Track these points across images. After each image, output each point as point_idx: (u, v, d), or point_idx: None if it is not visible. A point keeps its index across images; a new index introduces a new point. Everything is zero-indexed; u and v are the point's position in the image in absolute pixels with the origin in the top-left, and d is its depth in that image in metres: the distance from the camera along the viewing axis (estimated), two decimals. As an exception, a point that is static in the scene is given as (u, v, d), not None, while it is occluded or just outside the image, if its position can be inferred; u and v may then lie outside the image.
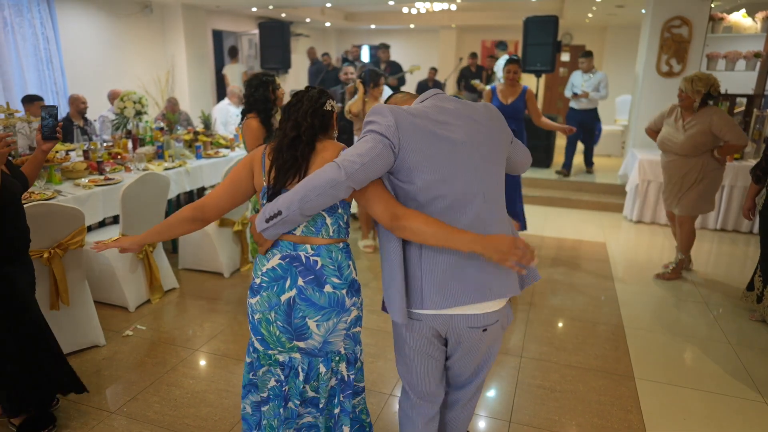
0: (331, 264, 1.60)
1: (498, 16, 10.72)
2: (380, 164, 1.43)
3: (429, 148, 1.45)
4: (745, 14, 5.42)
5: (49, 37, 6.26)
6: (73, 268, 2.82)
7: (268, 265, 1.61)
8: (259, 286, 1.63)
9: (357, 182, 1.42)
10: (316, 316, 1.59)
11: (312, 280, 1.58)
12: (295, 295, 1.58)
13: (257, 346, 1.70)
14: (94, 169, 3.78)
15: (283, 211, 1.47)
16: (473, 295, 1.47)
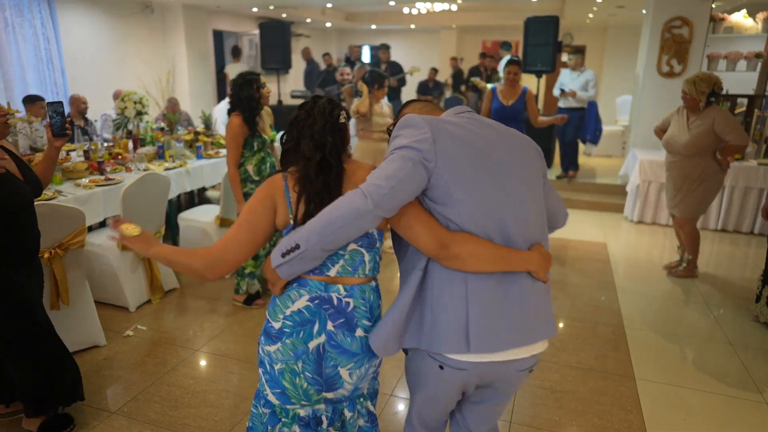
0: (364, 305, 1.41)
1: (498, 16, 10.72)
2: (412, 186, 1.24)
3: (472, 165, 1.28)
4: (746, 14, 5.42)
5: (50, 37, 6.26)
6: (74, 268, 2.82)
7: (293, 308, 1.38)
8: (280, 331, 1.39)
9: (387, 210, 1.23)
10: (348, 363, 1.39)
11: (342, 324, 1.38)
12: (324, 341, 1.37)
13: (272, 400, 1.46)
14: (95, 169, 3.78)
15: (302, 245, 1.26)
16: (526, 334, 1.29)
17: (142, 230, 1.40)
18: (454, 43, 12.26)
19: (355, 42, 13.50)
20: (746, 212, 5.10)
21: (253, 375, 2.74)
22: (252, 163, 3.24)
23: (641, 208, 5.48)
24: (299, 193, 1.36)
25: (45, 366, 2.17)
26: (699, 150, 3.63)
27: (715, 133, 3.55)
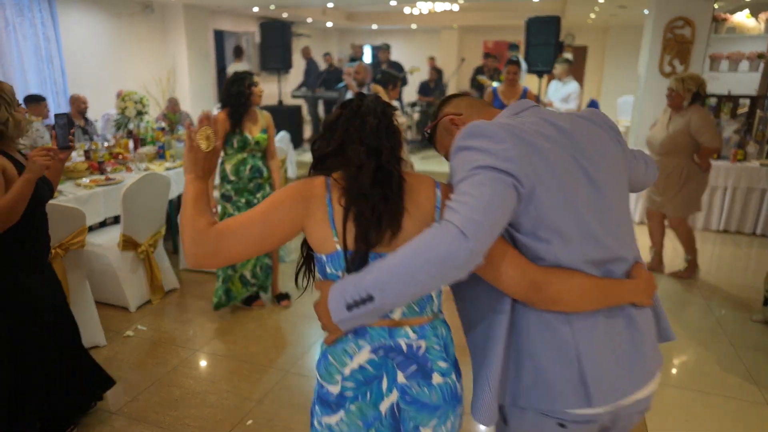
0: (438, 344, 1.14)
1: (500, 16, 10.71)
2: (506, 215, 1.00)
3: (563, 186, 1.05)
4: (749, 15, 5.40)
5: (50, 37, 6.25)
6: (74, 269, 2.81)
7: (352, 365, 1.11)
8: (340, 396, 1.12)
9: (485, 243, 0.95)
10: (431, 420, 1.13)
11: (416, 373, 1.12)
12: (397, 398, 1.12)
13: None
14: (95, 169, 3.77)
15: (376, 297, 0.96)
16: (644, 372, 1.11)
17: (214, 147, 1.14)
18: (456, 43, 12.25)
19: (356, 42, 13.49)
20: (748, 213, 5.08)
21: (254, 374, 2.73)
22: (231, 162, 3.14)
23: (642, 209, 5.46)
24: (347, 208, 1.07)
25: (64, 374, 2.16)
26: (674, 148, 3.63)
27: (690, 132, 3.54)
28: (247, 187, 3.19)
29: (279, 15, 10.10)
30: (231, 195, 3.19)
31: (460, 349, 1.21)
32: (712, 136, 3.53)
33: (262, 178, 3.23)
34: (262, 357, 2.91)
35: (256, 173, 3.20)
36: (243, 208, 3.20)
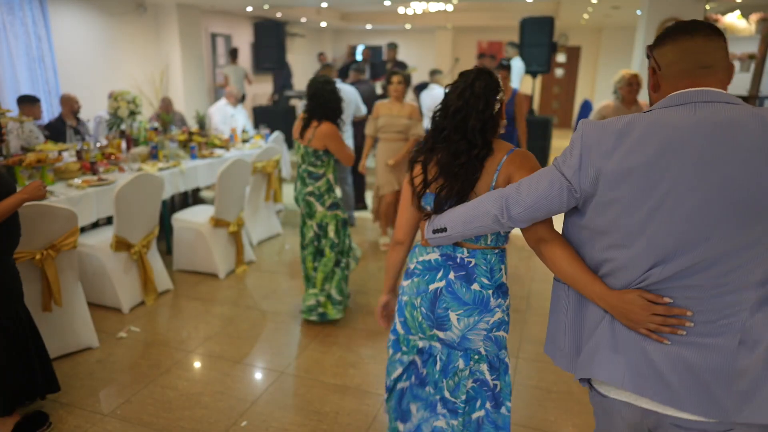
0: (484, 265, 1.57)
1: (494, 16, 10.72)
2: (552, 207, 1.23)
3: (634, 199, 1.09)
4: (740, 16, 5.45)
5: (41, 36, 6.20)
6: (66, 270, 2.79)
7: (426, 257, 1.63)
8: (412, 271, 1.66)
9: (522, 223, 1.30)
10: (459, 310, 1.57)
11: (462, 276, 1.57)
12: (443, 287, 1.59)
13: (398, 329, 1.72)
14: (87, 169, 3.74)
15: (448, 230, 1.47)
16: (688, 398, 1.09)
17: None
18: (450, 44, 12.26)
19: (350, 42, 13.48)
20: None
21: (248, 376, 2.72)
22: (331, 171, 3.10)
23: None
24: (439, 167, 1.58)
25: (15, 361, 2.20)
26: None
27: None
28: None
29: (273, 15, 10.07)
30: (338, 202, 3.17)
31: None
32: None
33: None
34: (256, 358, 2.90)
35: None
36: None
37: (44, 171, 3.46)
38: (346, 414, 2.42)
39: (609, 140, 1.11)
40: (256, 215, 4.73)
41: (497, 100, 1.53)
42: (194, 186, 4.40)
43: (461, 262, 1.58)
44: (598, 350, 1.18)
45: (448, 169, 1.52)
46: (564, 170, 1.18)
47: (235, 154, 4.86)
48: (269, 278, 4.02)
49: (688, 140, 1.05)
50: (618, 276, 1.16)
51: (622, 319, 1.15)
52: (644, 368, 1.12)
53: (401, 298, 1.69)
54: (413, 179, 1.61)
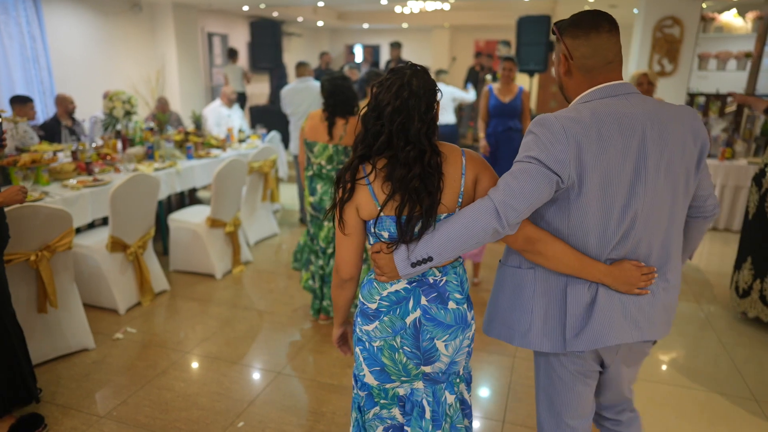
0: (455, 280, 1.44)
1: (491, 15, 10.73)
2: (539, 203, 1.26)
3: (609, 180, 1.24)
4: (737, 14, 5.45)
5: (36, 36, 6.17)
6: (62, 271, 2.77)
7: (390, 289, 1.41)
8: (376, 311, 1.42)
9: (516, 227, 1.27)
10: (444, 335, 1.41)
11: (435, 298, 1.41)
12: (420, 315, 1.40)
13: (370, 381, 1.47)
14: (83, 170, 3.73)
15: (435, 258, 1.28)
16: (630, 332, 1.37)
17: None
18: (447, 43, 12.26)
19: (347, 41, 13.47)
20: (736, 211, 5.14)
21: (245, 376, 2.71)
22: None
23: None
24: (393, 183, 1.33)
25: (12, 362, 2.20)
26: None
27: None
28: None
29: (269, 14, 10.04)
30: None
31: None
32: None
33: None
34: (253, 359, 2.89)
35: None
36: None
37: (39, 171, 3.44)
38: (343, 414, 2.41)
39: (587, 131, 1.23)
40: (252, 215, 4.72)
41: (437, 102, 1.35)
42: (191, 186, 4.38)
43: (434, 283, 1.41)
44: (611, 323, 1.35)
45: (406, 183, 1.27)
46: (550, 164, 1.22)
47: (232, 154, 4.85)
48: (266, 278, 4.01)
49: (644, 127, 1.25)
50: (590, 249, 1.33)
51: (622, 286, 1.32)
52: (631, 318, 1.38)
53: (370, 345, 1.44)
54: (357, 205, 1.34)
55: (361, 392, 1.51)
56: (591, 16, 1.29)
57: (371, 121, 1.33)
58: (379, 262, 1.36)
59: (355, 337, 1.51)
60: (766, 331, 3.21)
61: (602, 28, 1.28)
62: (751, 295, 3.17)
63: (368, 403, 1.51)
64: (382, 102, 1.31)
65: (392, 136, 1.30)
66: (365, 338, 1.45)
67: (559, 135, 1.21)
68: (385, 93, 1.31)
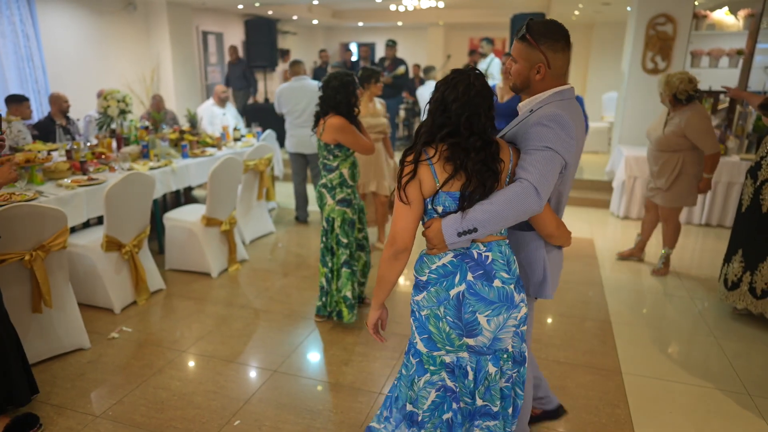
0: (501, 259, 1.56)
1: (485, 13, 10.74)
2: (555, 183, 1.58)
3: (575, 162, 1.67)
4: (728, 12, 5.48)
5: (30, 35, 6.14)
6: (56, 270, 2.77)
7: (438, 263, 1.56)
8: (426, 282, 1.58)
9: (542, 207, 1.51)
10: (486, 310, 1.54)
11: (481, 275, 1.54)
12: (464, 290, 1.53)
13: (421, 348, 1.62)
14: (77, 169, 3.72)
15: (479, 230, 1.46)
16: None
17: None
18: (441, 40, 12.27)
19: (342, 39, 13.46)
20: (729, 207, 5.17)
21: (241, 375, 2.72)
22: (346, 166, 3.06)
23: (627, 203, 5.53)
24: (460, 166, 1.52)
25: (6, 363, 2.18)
26: (668, 147, 3.67)
27: (684, 134, 3.58)
28: (354, 188, 3.16)
29: (264, 12, 10.02)
30: (351, 199, 3.11)
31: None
32: (711, 143, 3.53)
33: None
34: (249, 357, 2.90)
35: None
36: (356, 211, 3.17)
37: (33, 171, 3.43)
38: (339, 412, 2.43)
39: (577, 128, 1.59)
40: (248, 214, 4.72)
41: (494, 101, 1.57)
42: (186, 185, 4.38)
43: (479, 258, 1.54)
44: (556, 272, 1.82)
45: (473, 167, 1.46)
46: (562, 153, 1.52)
47: (227, 153, 4.84)
48: (262, 277, 4.01)
49: (581, 125, 1.66)
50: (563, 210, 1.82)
51: (565, 243, 1.76)
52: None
53: (419, 314, 1.60)
54: (420, 180, 1.51)
55: (413, 359, 1.65)
56: (564, 33, 1.61)
57: (438, 114, 1.51)
58: (430, 234, 1.53)
59: (411, 309, 1.65)
60: (758, 326, 3.24)
61: (570, 44, 1.64)
62: (740, 287, 3.20)
63: (419, 370, 1.64)
64: (448, 98, 1.49)
65: (459, 127, 1.48)
66: (416, 308, 1.62)
67: (570, 131, 1.53)
68: (451, 91, 1.49)
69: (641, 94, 5.86)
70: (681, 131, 3.57)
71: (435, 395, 1.64)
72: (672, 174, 3.72)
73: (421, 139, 1.52)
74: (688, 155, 3.67)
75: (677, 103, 3.61)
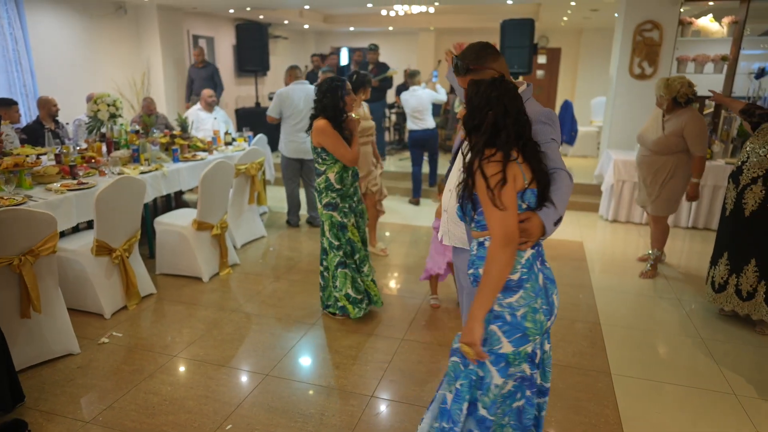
0: (542, 245, 1.73)
1: (476, 18, 10.82)
2: None
3: None
4: (712, 19, 5.58)
5: (18, 38, 6.09)
6: (46, 275, 2.75)
7: (525, 256, 1.61)
8: (519, 280, 1.60)
9: None
10: (555, 289, 1.68)
11: (543, 260, 1.70)
12: (543, 276, 1.66)
13: (506, 350, 1.60)
14: (67, 173, 3.69)
15: (563, 217, 1.65)
16: None
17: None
18: (432, 45, 12.33)
19: (334, 44, 13.48)
20: (715, 210, 5.25)
21: (233, 379, 2.71)
22: (334, 171, 3.09)
23: (616, 207, 5.59)
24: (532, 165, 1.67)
25: None
26: (666, 148, 3.74)
27: (683, 135, 3.66)
28: (348, 192, 3.17)
29: (255, 17, 10.02)
30: (337, 203, 3.14)
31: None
32: (703, 146, 3.65)
33: (358, 180, 3.26)
34: (241, 361, 2.89)
35: (355, 177, 3.19)
36: (348, 214, 3.18)
37: (22, 175, 3.40)
38: (331, 415, 2.43)
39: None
40: (239, 218, 4.71)
41: None
42: (177, 189, 4.36)
43: (538, 245, 1.67)
44: None
45: (538, 166, 1.61)
46: (558, 140, 1.78)
47: (218, 157, 4.83)
48: (253, 281, 4.01)
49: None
50: None
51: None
52: None
53: (512, 316, 1.59)
54: (514, 179, 1.56)
55: (494, 366, 1.62)
56: (486, 44, 1.84)
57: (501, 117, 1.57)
58: (531, 227, 1.58)
59: (494, 315, 1.61)
60: (743, 326, 3.30)
61: (497, 50, 1.85)
62: (726, 289, 3.25)
63: (502, 372, 1.63)
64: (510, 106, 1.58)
65: (512, 134, 1.57)
66: (507, 311, 1.60)
67: (558, 125, 1.80)
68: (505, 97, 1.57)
69: (629, 99, 5.94)
70: (680, 131, 3.66)
71: (511, 385, 1.66)
72: (667, 177, 3.79)
73: (505, 145, 1.56)
74: (681, 158, 3.75)
75: (676, 106, 3.70)
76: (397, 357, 2.92)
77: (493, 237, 1.55)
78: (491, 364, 1.62)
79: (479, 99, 1.59)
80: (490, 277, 1.55)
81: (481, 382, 1.65)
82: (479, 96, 1.59)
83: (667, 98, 3.70)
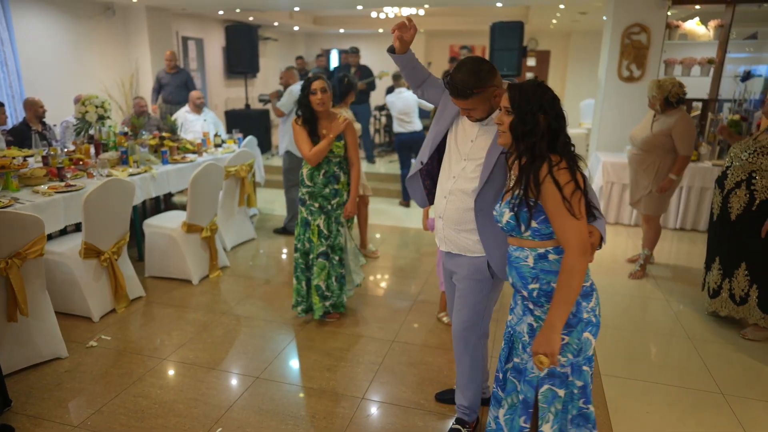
0: None
1: (465, 21, 10.88)
2: None
3: None
4: (699, 22, 5.66)
5: (4, 39, 6.02)
6: (33, 278, 2.72)
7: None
8: (590, 286, 1.67)
9: None
10: None
11: None
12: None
13: (591, 342, 1.67)
14: (54, 175, 3.65)
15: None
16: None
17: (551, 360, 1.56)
18: (422, 48, 12.37)
19: (323, 46, 13.48)
20: (702, 211, 5.32)
21: (223, 382, 2.70)
22: (306, 167, 3.13)
23: (604, 208, 5.64)
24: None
25: None
26: (653, 147, 3.81)
27: (671, 135, 3.73)
28: (321, 192, 3.14)
29: (245, 18, 10.00)
30: (306, 199, 3.16)
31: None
32: (689, 146, 3.73)
33: (338, 183, 3.15)
34: (231, 364, 2.88)
35: (331, 179, 3.14)
36: (316, 212, 3.16)
37: (8, 177, 3.36)
38: (321, 417, 2.42)
39: None
40: (229, 220, 4.69)
41: None
42: (166, 191, 4.33)
43: None
44: None
45: (579, 169, 1.61)
46: None
47: (208, 159, 4.81)
48: (243, 283, 3.99)
49: None
50: None
51: None
52: None
53: (596, 318, 1.67)
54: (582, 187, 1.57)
55: (588, 368, 1.67)
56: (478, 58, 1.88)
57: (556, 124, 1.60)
58: (595, 240, 1.64)
59: (584, 321, 1.63)
60: (731, 327, 3.34)
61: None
62: (720, 294, 3.29)
63: (590, 361, 1.68)
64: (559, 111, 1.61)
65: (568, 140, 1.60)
66: (590, 314, 1.64)
67: None
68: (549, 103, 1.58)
69: (617, 101, 6.00)
70: (668, 130, 3.74)
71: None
72: (654, 177, 3.86)
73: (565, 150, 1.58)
74: (667, 157, 3.81)
75: (667, 106, 3.77)
76: (387, 359, 2.92)
77: (569, 247, 1.53)
78: (586, 367, 1.67)
79: (529, 104, 1.55)
80: (570, 289, 1.53)
81: (583, 390, 1.69)
82: (527, 101, 1.55)
83: (660, 98, 3.77)
